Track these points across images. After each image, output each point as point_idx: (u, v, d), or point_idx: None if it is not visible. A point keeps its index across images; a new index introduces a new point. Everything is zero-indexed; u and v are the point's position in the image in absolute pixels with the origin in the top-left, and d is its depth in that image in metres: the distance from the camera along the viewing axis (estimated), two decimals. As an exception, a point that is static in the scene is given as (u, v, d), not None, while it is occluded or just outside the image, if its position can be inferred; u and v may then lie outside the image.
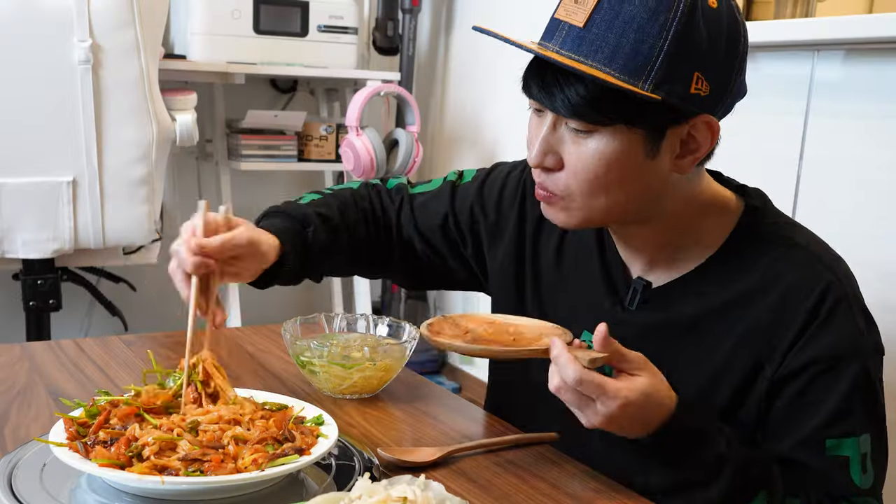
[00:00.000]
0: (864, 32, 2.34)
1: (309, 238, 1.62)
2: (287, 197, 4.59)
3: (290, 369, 1.75)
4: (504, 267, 1.66)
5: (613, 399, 1.21)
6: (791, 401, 1.35)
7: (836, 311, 1.33)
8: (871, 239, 2.39)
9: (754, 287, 1.38)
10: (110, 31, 2.85)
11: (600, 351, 1.24)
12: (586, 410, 1.24)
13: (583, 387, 1.22)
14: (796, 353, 1.34)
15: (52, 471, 1.22)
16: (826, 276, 1.35)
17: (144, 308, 4.08)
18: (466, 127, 4.40)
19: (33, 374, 1.65)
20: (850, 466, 1.32)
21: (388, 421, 1.54)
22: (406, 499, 1.04)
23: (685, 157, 1.35)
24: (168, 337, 1.94)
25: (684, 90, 1.27)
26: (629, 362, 1.25)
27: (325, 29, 3.91)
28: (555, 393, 1.25)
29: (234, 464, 1.14)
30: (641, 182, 1.35)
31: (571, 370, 1.21)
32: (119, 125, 2.93)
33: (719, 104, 1.33)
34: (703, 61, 1.28)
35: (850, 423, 1.32)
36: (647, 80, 1.26)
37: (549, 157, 1.36)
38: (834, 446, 1.32)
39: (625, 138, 1.30)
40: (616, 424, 1.25)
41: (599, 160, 1.32)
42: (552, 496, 1.29)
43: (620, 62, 1.26)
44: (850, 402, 1.32)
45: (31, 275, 3.10)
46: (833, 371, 1.33)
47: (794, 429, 1.35)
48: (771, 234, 1.42)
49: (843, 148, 2.52)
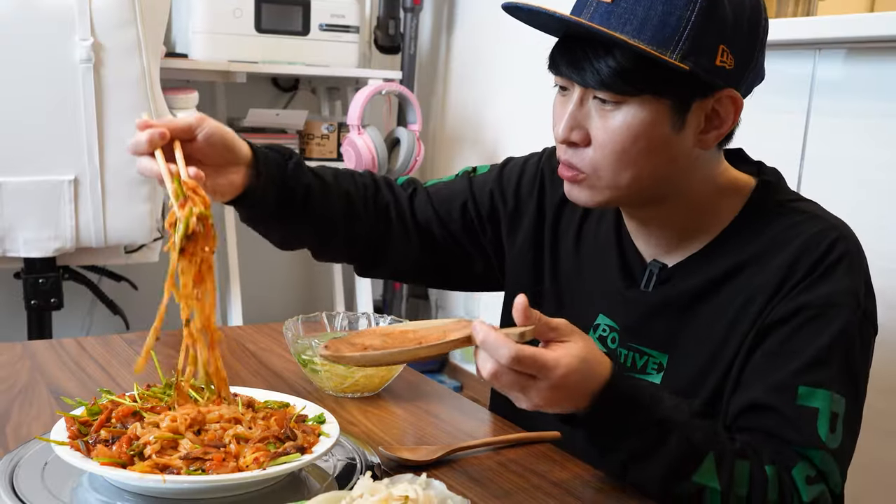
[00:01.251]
0: (865, 31, 2.34)
1: (289, 169, 1.54)
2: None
3: (291, 368, 1.75)
4: (523, 253, 1.66)
5: (554, 369, 1.17)
6: (774, 347, 1.34)
7: (839, 264, 1.35)
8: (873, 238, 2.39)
9: (763, 250, 1.40)
10: (112, 30, 2.85)
11: (524, 324, 1.19)
12: (528, 392, 1.19)
13: (521, 364, 1.16)
14: (791, 298, 1.34)
15: (53, 469, 1.22)
16: (835, 234, 1.38)
17: (146, 307, 4.06)
18: (468, 125, 4.40)
19: (35, 372, 1.65)
20: (819, 419, 1.29)
21: (389, 419, 1.54)
22: (408, 497, 1.04)
23: (709, 132, 1.38)
24: (170, 336, 1.94)
25: (710, 62, 1.31)
26: (556, 330, 1.22)
27: (327, 28, 3.91)
28: (490, 380, 1.19)
29: (235, 462, 1.14)
30: (667, 155, 1.37)
31: (505, 349, 1.15)
32: (120, 124, 2.93)
33: (742, 79, 1.36)
34: (727, 35, 1.31)
35: (826, 375, 1.31)
36: (675, 50, 1.29)
37: (576, 132, 1.38)
38: (806, 395, 1.30)
39: (652, 109, 1.33)
40: (559, 398, 1.20)
41: (627, 131, 1.34)
42: (554, 495, 1.29)
43: (649, 34, 1.29)
44: (831, 353, 1.32)
45: (33, 273, 3.11)
46: (821, 318, 1.33)
47: (770, 374, 1.34)
48: (782, 206, 1.45)
49: (844, 147, 2.52)
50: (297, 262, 4.68)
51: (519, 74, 4.04)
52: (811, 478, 1.28)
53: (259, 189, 1.48)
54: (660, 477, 1.26)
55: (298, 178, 1.55)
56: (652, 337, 1.47)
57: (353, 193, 1.64)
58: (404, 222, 1.69)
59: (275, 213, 1.54)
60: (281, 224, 1.58)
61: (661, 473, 1.26)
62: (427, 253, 1.71)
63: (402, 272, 1.79)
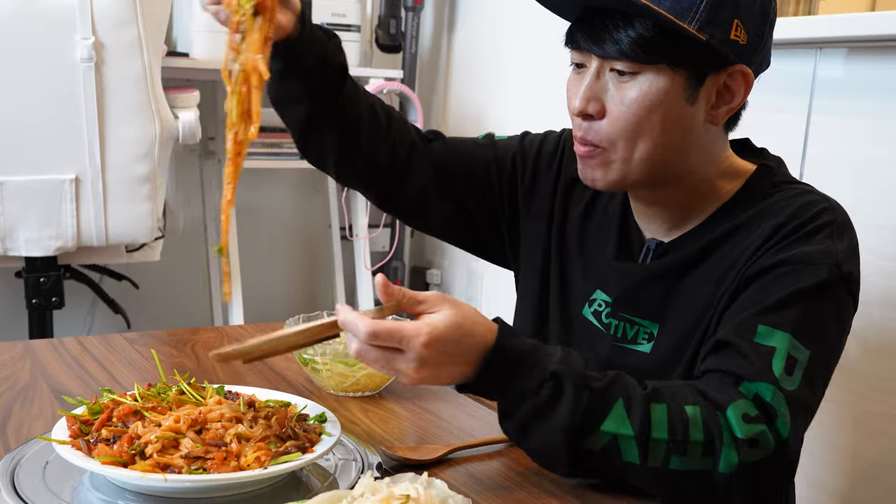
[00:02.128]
0: (866, 30, 2.34)
1: (331, 42, 1.56)
2: (290, 196, 4.59)
3: (292, 367, 1.75)
4: (538, 222, 1.67)
5: (416, 337, 1.17)
6: (746, 297, 1.35)
7: (822, 229, 1.37)
8: (873, 238, 2.39)
9: (753, 218, 1.42)
10: (113, 29, 2.85)
11: (386, 302, 1.20)
12: (398, 364, 1.19)
13: (379, 338, 1.17)
14: (769, 255, 1.36)
15: (54, 469, 1.22)
16: (823, 204, 1.41)
17: (147, 306, 4.08)
18: (469, 124, 4.40)
19: (36, 371, 1.65)
20: (774, 357, 1.27)
21: (390, 419, 1.54)
22: (409, 497, 1.04)
23: (720, 106, 1.42)
24: (171, 335, 1.94)
25: (725, 35, 1.34)
26: (424, 302, 1.22)
27: (328, 26, 3.90)
28: (357, 357, 1.21)
29: (236, 462, 1.15)
30: (680, 127, 1.40)
31: (361, 325, 1.17)
32: (122, 123, 2.93)
33: (754, 57, 1.40)
34: (742, 10, 1.35)
35: (787, 318, 1.30)
36: (693, 20, 1.32)
37: (593, 103, 1.41)
38: (765, 333, 1.29)
39: (667, 79, 1.37)
40: (433, 368, 1.20)
41: (643, 102, 1.37)
42: (555, 494, 1.29)
43: (668, 3, 1.32)
44: (796, 300, 1.31)
45: (34, 273, 3.10)
46: (795, 273, 1.33)
47: (735, 317, 1.33)
48: (776, 186, 1.47)
49: (845, 146, 2.52)
50: (298, 261, 4.68)
51: (520, 73, 4.04)
52: (750, 416, 1.23)
53: (302, 43, 1.49)
54: (562, 430, 1.22)
55: (336, 55, 1.56)
56: (643, 307, 1.48)
57: (378, 107, 1.65)
58: (422, 151, 1.68)
59: (309, 81, 1.53)
60: (310, 100, 1.55)
61: (564, 426, 1.22)
62: (441, 192, 1.68)
63: (416, 209, 1.72)
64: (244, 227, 4.15)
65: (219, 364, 1.74)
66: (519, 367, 1.23)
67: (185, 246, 4.11)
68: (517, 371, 1.23)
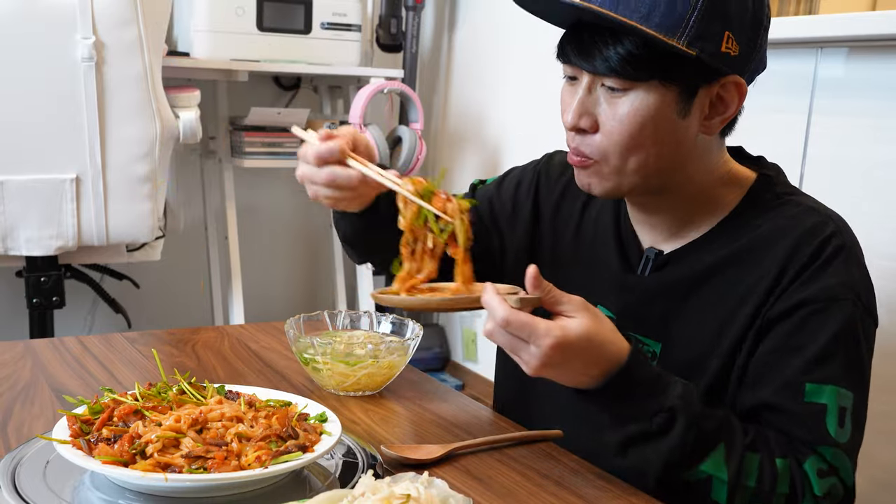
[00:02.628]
0: (867, 30, 2.34)
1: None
2: (291, 195, 4.59)
3: (293, 366, 1.75)
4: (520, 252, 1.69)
5: (545, 337, 1.22)
6: (778, 343, 1.36)
7: (836, 257, 1.36)
8: (874, 237, 2.39)
9: (759, 241, 1.42)
10: (113, 29, 2.85)
11: (532, 293, 1.25)
12: (522, 354, 1.25)
13: (511, 327, 1.23)
14: (790, 294, 1.36)
15: (55, 468, 1.22)
16: (831, 227, 1.40)
17: (148, 305, 4.09)
18: (470, 124, 4.40)
19: (36, 371, 1.65)
20: (827, 415, 1.31)
21: (391, 418, 1.54)
22: (409, 496, 1.04)
23: (713, 117, 1.41)
24: (171, 334, 1.94)
25: (716, 48, 1.33)
26: (565, 304, 1.26)
27: (329, 26, 3.91)
28: (488, 338, 1.27)
29: (237, 461, 1.14)
30: (672, 140, 1.39)
31: (500, 310, 1.23)
32: (122, 122, 2.93)
33: (747, 66, 1.39)
34: (733, 22, 1.34)
35: (832, 371, 1.33)
36: (682, 36, 1.31)
37: (585, 118, 1.40)
38: (813, 391, 1.32)
39: (659, 95, 1.36)
40: (554, 368, 1.25)
41: (634, 117, 1.36)
42: (556, 493, 1.29)
43: (657, 20, 1.31)
44: (836, 349, 1.33)
45: (35, 272, 3.11)
46: (823, 313, 1.34)
47: (777, 373, 1.35)
48: (779, 197, 1.46)
49: (846, 145, 2.52)
50: (299, 260, 4.68)
51: (521, 72, 4.04)
52: (823, 471, 1.30)
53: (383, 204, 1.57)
54: (663, 460, 1.29)
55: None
56: (646, 324, 1.49)
57: None
58: None
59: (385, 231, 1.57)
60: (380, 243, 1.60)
61: (665, 458, 1.28)
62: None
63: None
64: (245, 226, 4.15)
65: (219, 364, 1.74)
66: (639, 393, 1.29)
67: (185, 245, 4.11)
68: (636, 395, 1.29)
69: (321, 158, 1.45)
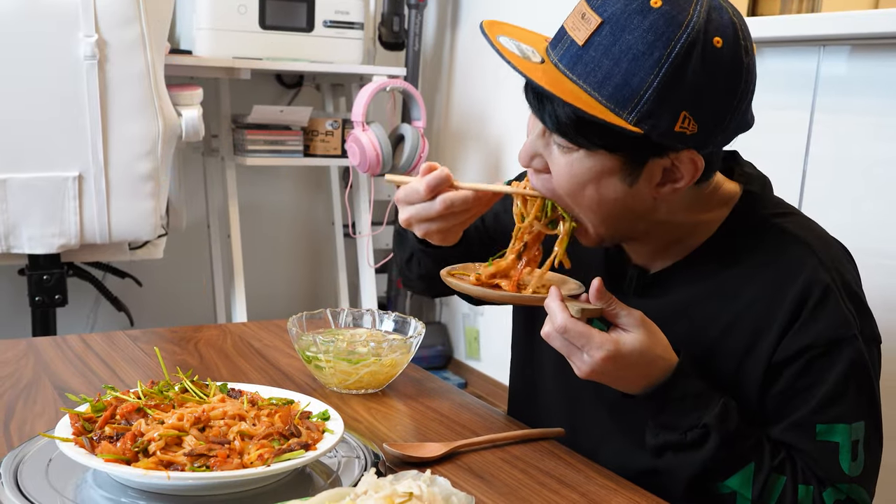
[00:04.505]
0: (869, 28, 2.34)
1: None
2: (294, 193, 4.60)
3: (295, 364, 1.75)
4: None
5: (598, 349, 1.28)
6: (786, 386, 1.36)
7: (826, 300, 1.34)
8: (876, 236, 2.39)
9: (743, 275, 1.40)
10: (116, 27, 2.85)
11: (594, 303, 1.31)
12: (575, 359, 1.31)
13: (568, 334, 1.29)
14: (791, 339, 1.34)
15: (57, 466, 1.22)
16: (811, 264, 1.36)
17: (150, 303, 4.09)
18: (472, 122, 4.40)
19: (39, 369, 1.65)
20: (840, 453, 1.33)
21: (393, 416, 1.54)
22: (412, 494, 1.04)
23: (665, 185, 1.35)
24: (174, 332, 1.94)
25: (669, 127, 1.26)
26: (623, 318, 1.31)
27: (331, 24, 3.91)
28: (546, 339, 1.32)
29: (239, 459, 1.14)
30: (621, 204, 1.36)
31: (560, 317, 1.30)
32: (125, 120, 2.93)
33: (707, 142, 1.31)
34: (693, 101, 1.26)
35: (841, 409, 1.33)
36: (632, 111, 1.25)
37: (537, 159, 1.40)
38: (824, 431, 1.33)
39: (602, 160, 1.32)
40: (603, 376, 1.32)
41: (577, 178, 1.34)
42: (558, 492, 1.29)
43: (609, 90, 1.26)
44: (844, 387, 1.33)
45: (37, 270, 3.11)
46: (828, 356, 1.33)
47: (787, 413, 1.36)
48: (763, 221, 1.43)
49: (848, 143, 2.52)
50: (302, 258, 4.68)
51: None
52: (840, 501, 1.33)
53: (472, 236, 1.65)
54: (691, 471, 1.34)
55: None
56: None
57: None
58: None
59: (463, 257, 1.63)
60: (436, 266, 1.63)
61: (694, 469, 1.34)
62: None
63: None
64: (247, 224, 4.15)
65: (222, 362, 1.74)
66: (678, 407, 1.34)
67: (188, 243, 4.11)
68: (676, 409, 1.34)
69: (432, 188, 1.46)
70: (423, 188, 1.46)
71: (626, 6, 1.26)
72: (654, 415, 1.35)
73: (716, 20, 1.26)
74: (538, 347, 1.66)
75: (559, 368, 1.59)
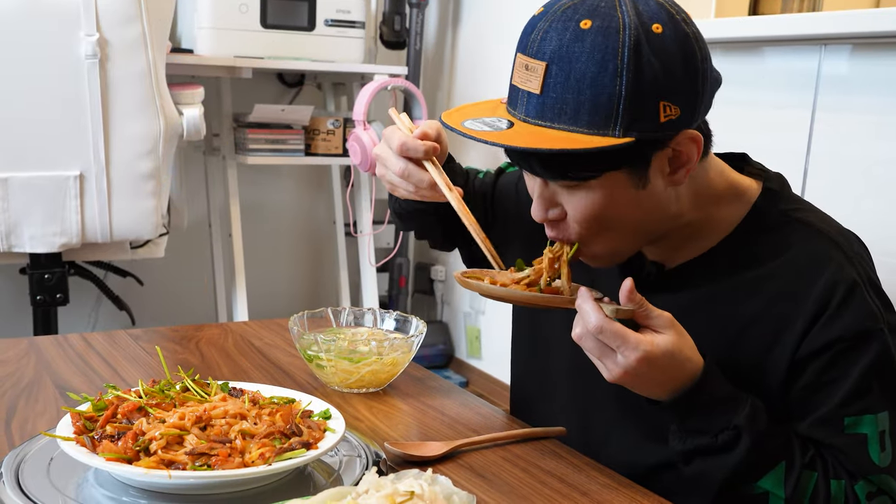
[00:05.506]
0: (871, 26, 2.34)
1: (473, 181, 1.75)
2: (295, 192, 4.60)
3: (296, 363, 1.75)
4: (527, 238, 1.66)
5: (634, 350, 1.25)
6: (811, 381, 1.35)
7: (852, 293, 1.34)
8: (878, 234, 2.39)
9: (764, 270, 1.40)
10: (117, 26, 2.85)
11: (625, 305, 1.28)
12: (607, 361, 1.28)
13: (603, 335, 1.26)
14: (817, 334, 1.34)
15: (59, 465, 1.22)
16: (836, 259, 1.37)
17: (152, 302, 4.09)
18: (473, 121, 4.39)
19: (40, 368, 1.65)
20: (869, 444, 1.33)
21: (395, 415, 1.54)
22: (413, 493, 1.04)
23: (676, 171, 1.35)
24: (175, 331, 1.94)
25: (654, 122, 1.27)
26: (654, 319, 1.29)
27: (333, 23, 3.91)
28: (577, 341, 1.30)
29: (241, 458, 1.14)
30: (641, 210, 1.36)
31: (594, 317, 1.26)
32: (126, 119, 2.94)
33: (694, 116, 1.32)
34: (664, 90, 1.27)
35: (868, 401, 1.33)
36: (615, 127, 1.26)
37: (552, 210, 1.39)
38: (852, 423, 1.33)
39: (611, 181, 1.32)
40: (635, 379, 1.29)
41: (594, 206, 1.34)
42: (560, 490, 1.29)
43: (585, 118, 1.26)
44: (869, 379, 1.33)
45: (39, 269, 3.11)
46: (855, 350, 1.33)
47: (813, 408, 1.36)
48: (783, 216, 1.43)
49: (849, 142, 2.52)
50: (303, 257, 4.68)
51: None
52: (872, 493, 1.33)
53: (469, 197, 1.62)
54: (724, 475, 1.32)
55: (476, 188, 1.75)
56: None
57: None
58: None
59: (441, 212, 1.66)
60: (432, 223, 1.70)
61: (727, 472, 1.32)
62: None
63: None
64: (248, 223, 4.15)
65: (223, 360, 1.75)
66: (708, 409, 1.32)
67: (189, 242, 4.11)
68: (705, 411, 1.32)
69: (405, 151, 1.51)
70: (396, 143, 1.52)
71: (561, 41, 1.27)
72: (682, 419, 1.33)
73: (645, 11, 1.27)
74: (542, 346, 1.66)
75: (568, 367, 1.59)
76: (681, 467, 1.37)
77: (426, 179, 1.49)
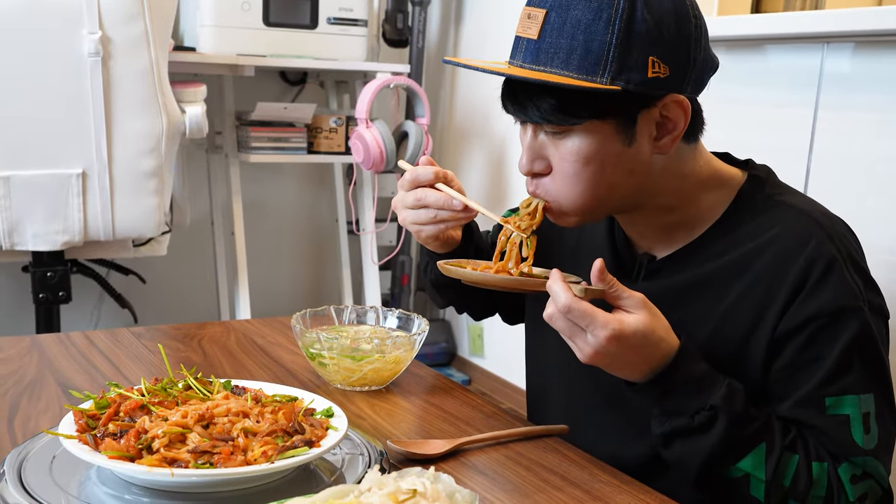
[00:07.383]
0: (873, 25, 2.34)
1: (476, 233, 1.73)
2: (297, 190, 4.61)
3: (299, 361, 1.75)
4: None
5: (602, 328, 1.26)
6: (791, 359, 1.36)
7: (830, 270, 1.35)
8: (879, 233, 2.39)
9: (749, 250, 1.42)
10: (119, 24, 2.85)
11: (596, 285, 1.29)
12: (578, 341, 1.29)
13: (571, 314, 1.27)
14: (796, 311, 1.35)
15: (61, 463, 1.22)
16: (818, 236, 1.38)
17: (154, 300, 4.09)
18: (476, 119, 4.40)
19: (43, 366, 1.65)
20: (852, 426, 1.33)
21: (397, 413, 1.54)
22: (416, 491, 1.04)
23: (663, 137, 1.39)
24: (177, 329, 1.94)
25: (642, 76, 1.32)
26: (625, 300, 1.30)
27: (335, 21, 3.91)
28: (548, 321, 1.31)
29: (243, 456, 1.14)
30: (623, 169, 1.40)
31: (563, 297, 1.27)
32: (129, 117, 2.93)
33: (684, 82, 1.37)
34: (654, 46, 1.32)
35: (849, 381, 1.34)
36: (603, 74, 1.31)
37: (538, 162, 1.43)
38: (833, 404, 1.34)
39: (598, 131, 1.36)
40: (606, 358, 1.30)
41: (578, 156, 1.38)
42: (562, 488, 1.29)
43: (576, 63, 1.32)
44: (850, 358, 1.33)
45: (41, 267, 3.11)
46: (832, 327, 1.34)
47: (793, 388, 1.36)
48: (769, 199, 1.46)
49: (852, 140, 2.52)
50: (305, 255, 4.68)
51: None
52: (857, 476, 1.33)
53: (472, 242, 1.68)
54: (703, 456, 1.33)
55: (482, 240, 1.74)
56: None
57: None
58: None
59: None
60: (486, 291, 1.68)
61: (706, 453, 1.32)
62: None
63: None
64: (251, 221, 4.15)
65: (226, 358, 1.75)
66: (684, 389, 1.32)
67: (191, 240, 4.11)
68: (681, 391, 1.32)
69: (416, 181, 1.54)
70: (405, 181, 1.55)
71: None
72: (659, 401, 1.34)
73: None
74: (545, 346, 1.67)
75: (561, 361, 1.59)
76: (662, 452, 1.38)
77: (442, 197, 1.51)
